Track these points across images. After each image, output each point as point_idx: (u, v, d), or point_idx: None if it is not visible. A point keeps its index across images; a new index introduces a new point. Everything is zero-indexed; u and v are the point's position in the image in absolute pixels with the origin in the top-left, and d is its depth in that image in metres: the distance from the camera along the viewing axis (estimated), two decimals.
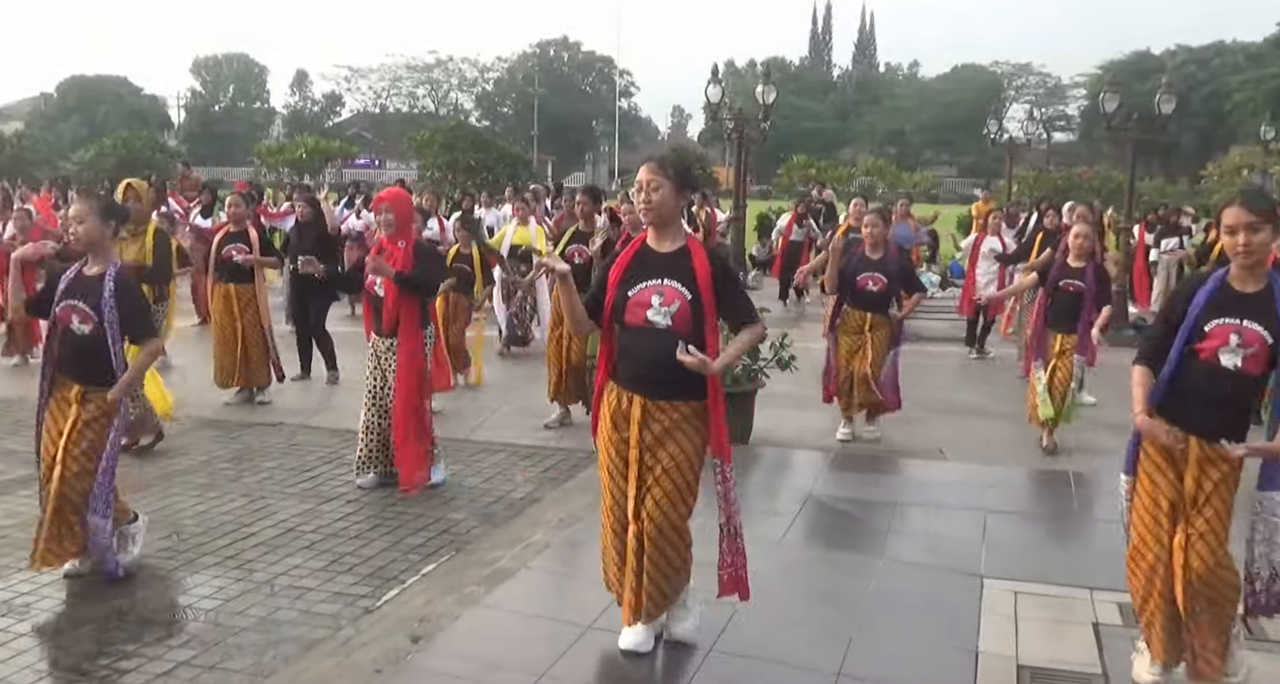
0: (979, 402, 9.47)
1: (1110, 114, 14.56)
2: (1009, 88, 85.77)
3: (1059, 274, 7.65)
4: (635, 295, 4.01)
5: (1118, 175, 26.43)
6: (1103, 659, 4.30)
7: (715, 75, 19.12)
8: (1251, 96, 58.05)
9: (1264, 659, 4.28)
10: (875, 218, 7.95)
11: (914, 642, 4.47)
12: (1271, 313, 3.69)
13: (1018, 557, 5.49)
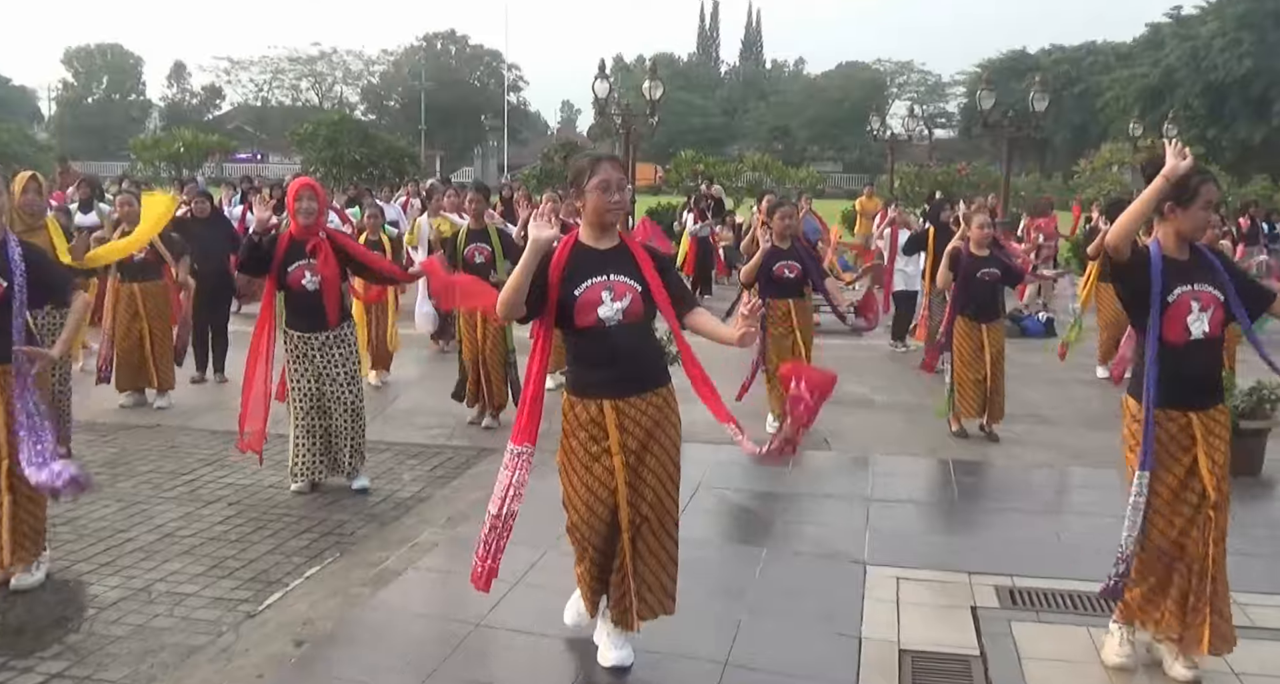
0: (864, 393, 9.66)
1: (987, 111, 14.97)
2: (892, 85, 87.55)
3: (971, 266, 7.85)
4: (583, 294, 3.88)
5: (995, 171, 27.18)
6: (980, 641, 4.41)
7: (602, 71, 19.15)
8: (1121, 95, 60.09)
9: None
10: (787, 210, 8.19)
11: (800, 629, 4.54)
12: (1215, 272, 4.00)
13: (900, 543, 5.61)
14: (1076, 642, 4.42)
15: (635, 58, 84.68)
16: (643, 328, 3.95)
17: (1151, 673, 4.17)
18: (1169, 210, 3.98)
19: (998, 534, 6.02)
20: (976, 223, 7.97)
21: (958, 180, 28.37)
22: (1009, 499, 6.72)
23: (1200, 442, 4.01)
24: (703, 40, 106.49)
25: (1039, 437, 8.11)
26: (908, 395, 9.72)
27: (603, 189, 3.89)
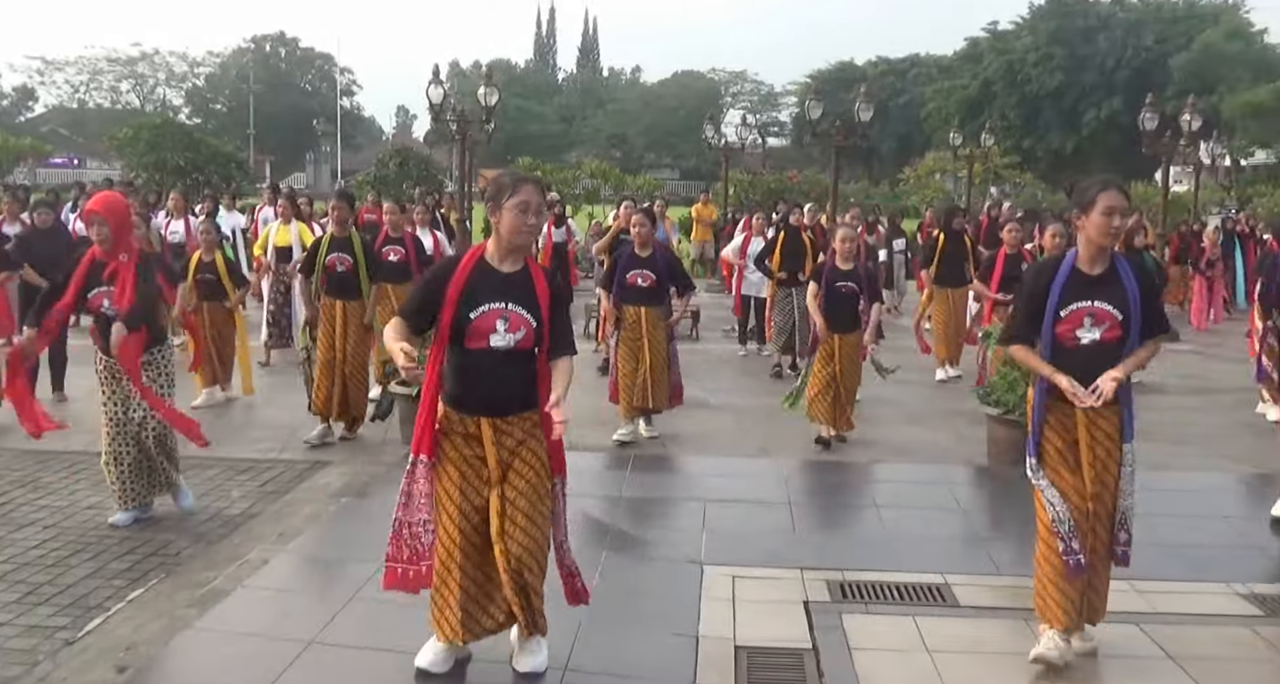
0: (701, 396, 9.80)
1: (815, 121, 15.38)
2: (726, 94, 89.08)
3: (831, 277, 7.96)
4: (477, 319, 3.83)
5: (825, 178, 27.94)
6: (813, 634, 4.53)
7: (436, 76, 18.95)
8: (943, 105, 62.51)
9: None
10: (642, 218, 8.13)
11: (638, 631, 4.59)
12: (1121, 290, 4.06)
13: (736, 543, 5.72)
14: (903, 631, 4.59)
15: (472, 63, 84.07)
16: (530, 353, 3.94)
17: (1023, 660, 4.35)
18: (1075, 218, 4.11)
19: (829, 530, 6.21)
20: (840, 236, 8.14)
21: (789, 187, 29.09)
22: (840, 496, 6.92)
23: (1084, 438, 4.11)
24: (540, 47, 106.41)
25: (868, 435, 8.37)
26: (743, 398, 9.91)
27: (520, 210, 3.83)
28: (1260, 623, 4.76)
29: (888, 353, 10.15)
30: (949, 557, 5.55)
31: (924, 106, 65.27)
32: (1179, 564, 5.37)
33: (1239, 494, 7.11)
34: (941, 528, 6.08)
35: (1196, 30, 56.70)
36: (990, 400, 7.31)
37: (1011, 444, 7.10)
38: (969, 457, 7.68)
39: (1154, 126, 18.14)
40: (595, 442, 7.90)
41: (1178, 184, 35.00)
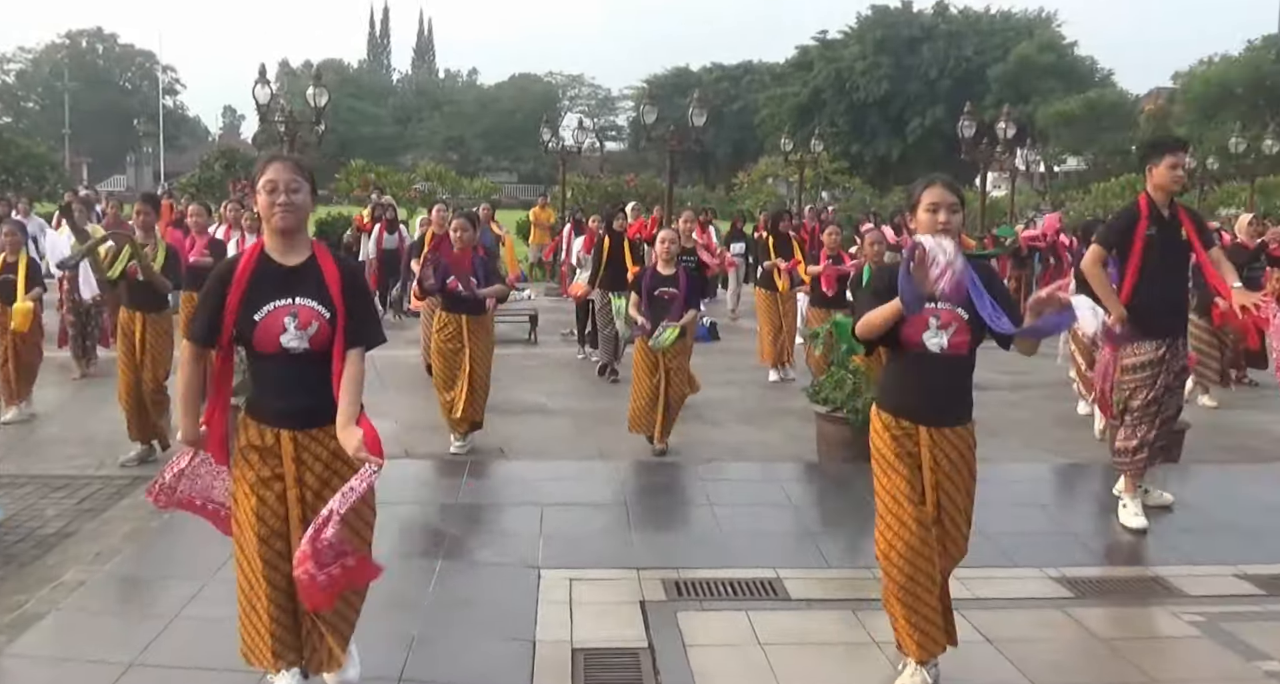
0: (538, 400, 9.80)
1: (650, 125, 15.53)
2: (564, 98, 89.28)
3: (652, 283, 7.97)
4: (263, 320, 3.54)
5: (661, 182, 28.25)
6: (649, 633, 4.58)
7: (263, 75, 18.43)
8: (776, 112, 63.94)
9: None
10: (463, 222, 7.95)
11: (475, 638, 4.55)
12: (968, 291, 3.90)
13: (573, 546, 5.73)
14: (737, 626, 4.67)
15: (303, 63, 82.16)
16: (331, 354, 3.61)
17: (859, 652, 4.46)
18: (908, 219, 4.07)
19: (665, 530, 6.27)
20: (660, 238, 8.20)
21: (626, 191, 29.32)
22: (675, 495, 7.00)
23: (926, 456, 3.97)
24: (373, 47, 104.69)
25: (703, 435, 8.51)
26: (579, 401, 9.94)
27: (268, 190, 3.56)
28: (1071, 605, 5.01)
29: (720, 355, 10.36)
30: (780, 551, 5.67)
31: (758, 113, 66.62)
32: (997, 551, 5.60)
33: (1054, 483, 7.47)
34: (773, 524, 6.22)
35: (1012, 42, 59.49)
36: (819, 399, 7.51)
37: (839, 441, 7.33)
38: (800, 454, 7.87)
39: (972, 134, 18.96)
40: (429, 448, 7.81)
41: (996, 189, 36.65)
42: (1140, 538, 6.04)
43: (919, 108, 60.10)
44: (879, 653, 4.35)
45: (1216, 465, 7.83)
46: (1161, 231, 5.98)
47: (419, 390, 10.02)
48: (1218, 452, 8.16)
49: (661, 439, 7.91)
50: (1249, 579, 5.35)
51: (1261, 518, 6.46)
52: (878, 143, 61.48)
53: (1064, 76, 57.39)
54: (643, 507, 6.62)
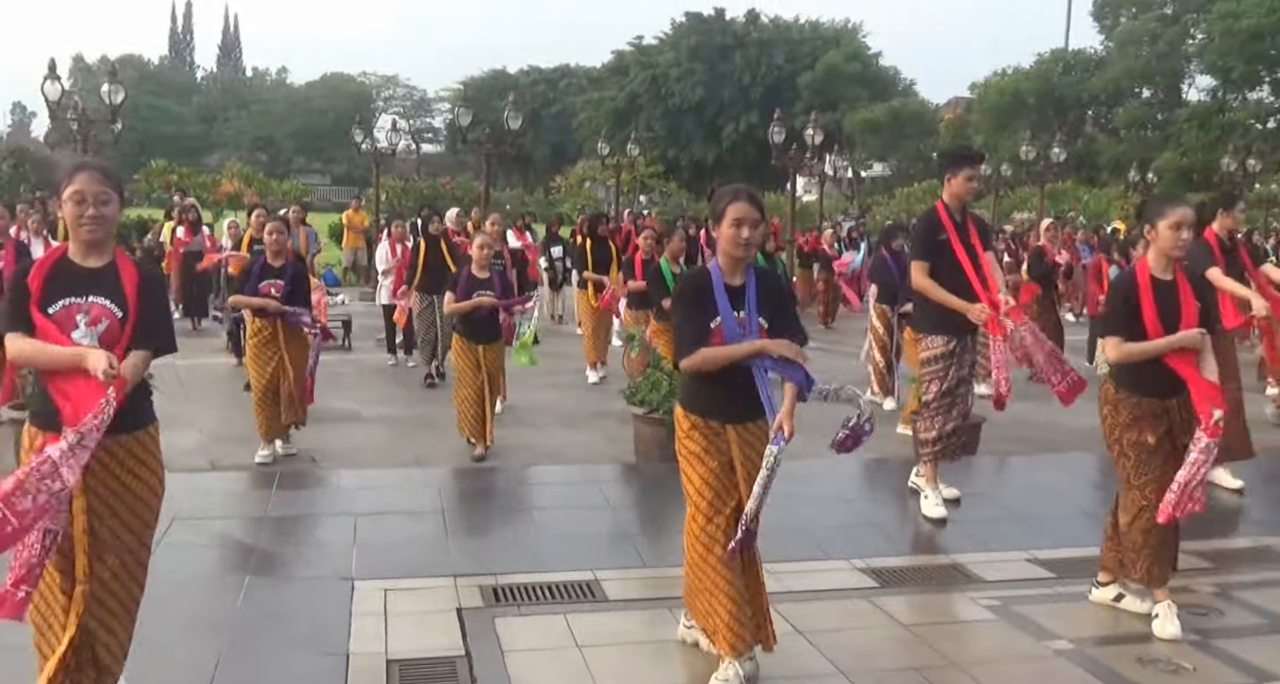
0: (352, 408, 9.59)
1: (466, 128, 15.41)
2: (378, 99, 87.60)
3: (469, 286, 7.92)
4: (56, 314, 3.45)
5: (479, 185, 28.05)
6: (465, 641, 4.53)
7: (53, 70, 17.46)
8: (593, 116, 64.23)
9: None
10: (277, 226, 7.79)
11: (285, 654, 4.42)
12: (746, 301, 4.08)
13: (388, 555, 5.62)
14: (554, 630, 4.67)
15: (99, 58, 78.15)
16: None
17: (663, 651, 4.49)
18: (713, 230, 4.16)
19: (482, 536, 6.23)
20: (477, 243, 8.15)
21: (443, 194, 29.01)
22: (493, 501, 6.95)
23: (736, 453, 4.11)
24: (175, 44, 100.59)
25: (523, 439, 8.48)
26: (395, 408, 9.78)
27: (75, 201, 3.49)
28: (876, 594, 5.20)
29: (546, 360, 10.33)
30: (598, 553, 5.70)
31: (576, 116, 66.85)
32: (807, 545, 5.78)
33: (858, 477, 7.73)
34: (591, 526, 6.25)
35: (821, 52, 61.32)
36: (636, 400, 7.58)
37: (656, 442, 7.41)
38: (619, 455, 7.93)
39: (782, 140, 19.47)
40: (236, 460, 7.55)
41: (807, 194, 37.78)
42: (940, 527, 6.32)
43: (733, 113, 61.34)
44: (696, 650, 4.42)
45: (1011, 457, 8.26)
46: (958, 234, 6.29)
47: (225, 401, 9.68)
48: (1012, 444, 8.60)
49: (486, 442, 7.87)
50: (1039, 563, 5.66)
51: (1052, 505, 6.84)
52: (694, 147, 62.45)
53: (869, 85, 59.53)
54: (460, 513, 6.55)
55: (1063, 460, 8.16)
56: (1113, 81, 47.83)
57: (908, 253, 7.97)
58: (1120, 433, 4.81)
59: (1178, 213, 4.70)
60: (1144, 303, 4.69)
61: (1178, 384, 4.74)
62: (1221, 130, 41.49)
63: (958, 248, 6.24)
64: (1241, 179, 29.05)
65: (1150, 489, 4.70)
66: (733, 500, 4.10)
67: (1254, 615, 5.03)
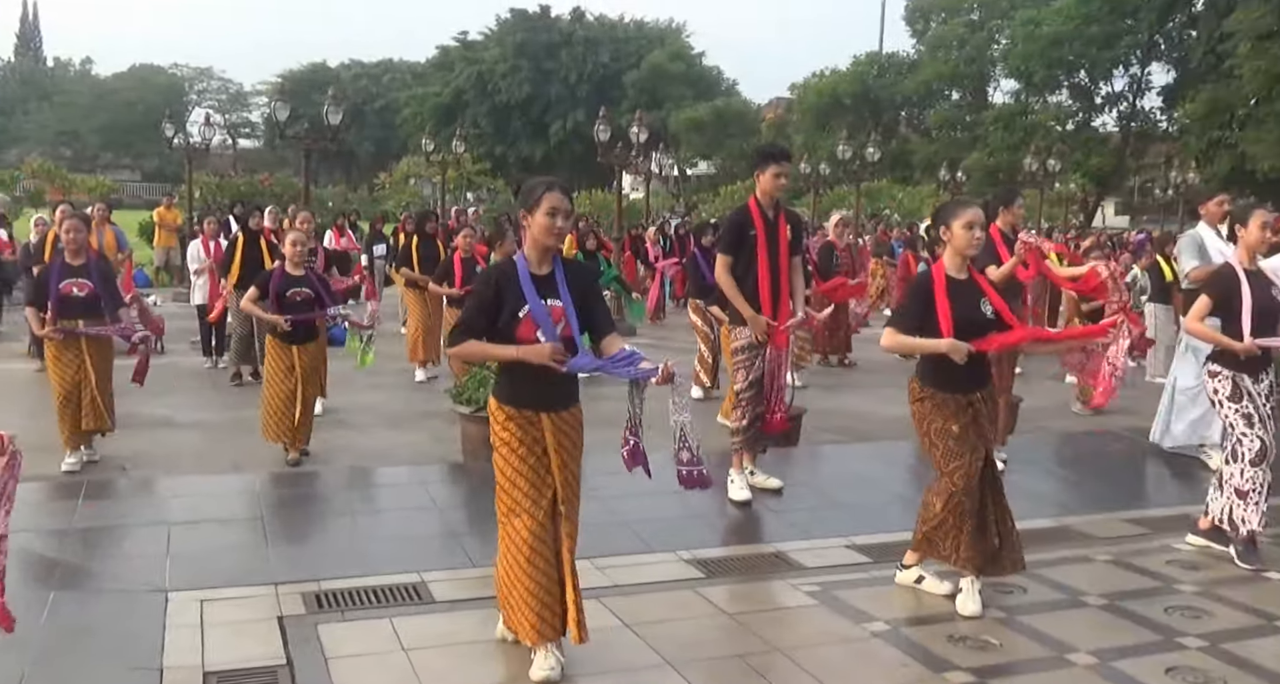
0: (165, 413, 9.22)
1: (283, 123, 14.99)
2: (191, 91, 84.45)
3: (283, 285, 7.71)
4: None
5: (299, 182, 27.31)
6: (287, 650, 4.42)
7: None
8: (419, 112, 63.41)
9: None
10: (75, 223, 7.40)
11: (94, 670, 4.23)
12: (557, 289, 4.14)
13: (204, 565, 5.42)
14: (379, 634, 4.59)
15: None
16: None
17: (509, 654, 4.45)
18: (523, 217, 4.18)
19: (304, 542, 6.08)
20: (289, 240, 7.92)
21: (261, 190, 28.16)
22: (315, 505, 6.79)
23: (551, 441, 4.15)
24: None
25: (346, 441, 8.31)
26: (211, 412, 9.45)
27: None
28: (702, 585, 5.29)
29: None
30: (425, 554, 5.63)
31: (400, 112, 65.82)
32: (632, 538, 5.84)
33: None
34: (418, 527, 6.16)
35: (646, 50, 62.01)
36: (462, 399, 7.52)
37: (484, 440, 7.30)
38: (445, 455, 7.86)
39: (607, 138, 19.53)
40: (39, 470, 7.16)
41: (635, 191, 38.10)
42: (765, 517, 6.48)
43: (560, 111, 61.45)
44: (524, 647, 4.41)
45: (830, 446, 8.52)
46: (766, 231, 6.44)
47: (24, 408, 9.18)
48: (831, 434, 8.88)
49: (298, 445, 7.66)
50: (858, 549, 5.86)
51: (869, 493, 7.09)
52: (521, 145, 62.31)
53: (694, 85, 60.48)
54: (280, 519, 6.36)
55: (879, 449, 8.46)
56: (924, 84, 49.81)
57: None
58: (927, 425, 5.02)
59: (969, 213, 4.96)
60: (939, 301, 4.92)
61: (980, 379, 5.01)
62: (1024, 132, 43.62)
63: (761, 247, 6.40)
64: (1043, 178, 30.57)
65: (959, 475, 4.91)
66: (549, 491, 4.15)
67: (1055, 591, 5.32)
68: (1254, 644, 4.69)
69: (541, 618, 4.10)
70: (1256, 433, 5.67)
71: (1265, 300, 5.74)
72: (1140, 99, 47.42)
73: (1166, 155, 41.67)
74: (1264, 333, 5.67)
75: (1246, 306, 5.65)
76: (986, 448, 5.01)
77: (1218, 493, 5.92)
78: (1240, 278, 5.76)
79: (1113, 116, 48.20)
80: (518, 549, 4.11)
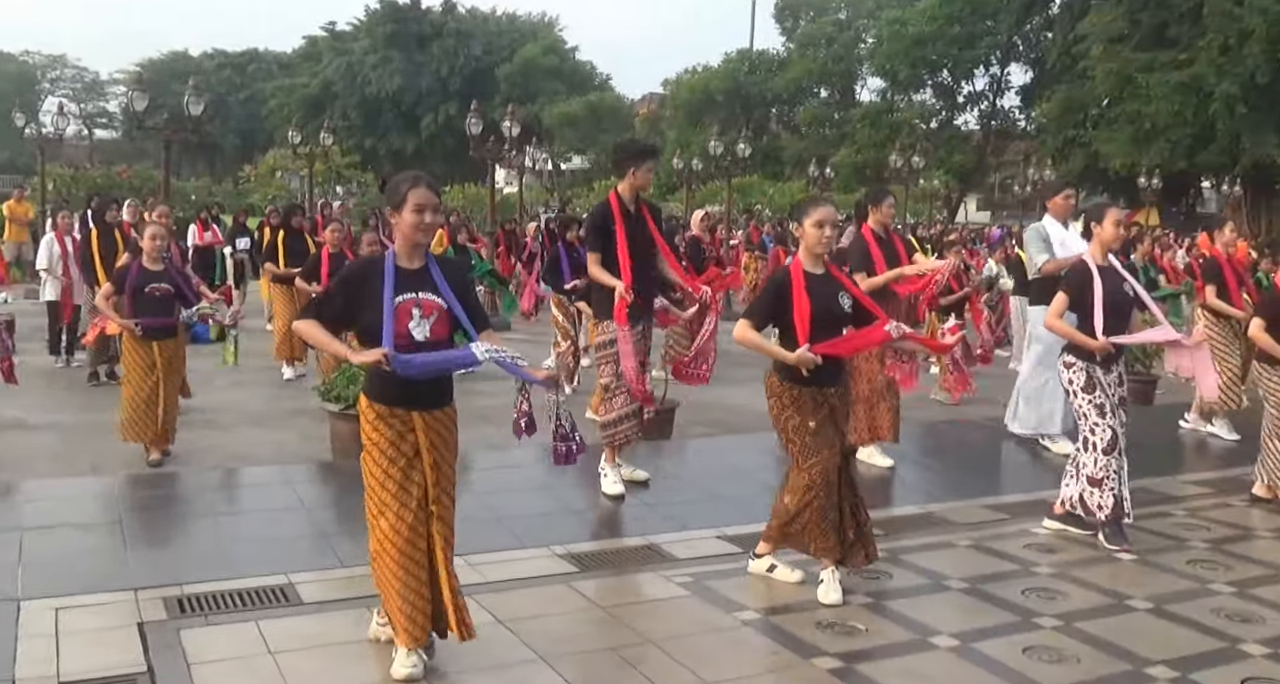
0: (16, 415, 8.85)
1: (140, 113, 14.51)
2: (44, 80, 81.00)
3: (140, 280, 7.49)
4: None
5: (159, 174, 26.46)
6: (148, 657, 4.28)
7: None
8: (285, 103, 61.98)
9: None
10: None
11: None
12: (437, 284, 4.10)
13: (60, 571, 5.23)
14: (245, 638, 4.48)
15: None
16: None
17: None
18: (390, 214, 4.13)
19: (165, 546, 5.90)
20: (149, 233, 7.70)
21: (119, 183, 27.16)
22: (177, 508, 6.59)
23: (423, 440, 4.10)
24: None
25: (210, 441, 8.10)
26: (67, 413, 9.10)
27: None
28: (575, 579, 5.30)
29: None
30: (293, 556, 5.51)
31: (266, 103, 64.25)
32: (504, 535, 5.82)
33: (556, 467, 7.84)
34: (285, 528, 6.04)
35: (519, 44, 61.73)
36: (331, 397, 7.39)
37: (353, 438, 7.22)
38: (313, 454, 7.71)
39: (480, 132, 19.42)
40: None
41: (508, 185, 37.90)
42: (638, 510, 6.53)
43: (432, 104, 60.72)
44: (390, 646, 4.36)
45: (703, 439, 8.62)
46: (629, 226, 6.48)
47: None
48: (704, 427, 8.99)
49: (160, 446, 7.43)
50: (729, 540, 5.95)
51: (741, 484, 7.20)
52: (392, 138, 61.41)
53: (567, 79, 60.42)
54: (140, 523, 6.16)
55: (751, 440, 8.58)
56: (794, 81, 50.71)
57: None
58: (784, 421, 5.11)
59: (820, 212, 5.08)
60: (796, 296, 5.01)
61: (836, 374, 5.13)
62: (890, 129, 44.80)
63: (623, 241, 6.43)
64: (908, 175, 31.42)
65: (817, 471, 5.00)
66: (418, 491, 4.10)
67: (919, 576, 5.48)
68: (1105, 622, 4.92)
69: (411, 620, 4.06)
70: (1108, 422, 5.93)
71: (1117, 296, 6.00)
72: (1000, 98, 49.19)
73: (1025, 153, 43.35)
74: (1116, 326, 5.94)
75: (1099, 302, 5.90)
76: (842, 442, 5.13)
77: (1069, 479, 6.17)
78: (1094, 274, 6.01)
79: (974, 115, 49.90)
80: (385, 551, 4.07)
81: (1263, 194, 34.78)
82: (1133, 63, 33.38)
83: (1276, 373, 6.86)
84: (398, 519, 4.05)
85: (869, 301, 5.30)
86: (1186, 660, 4.51)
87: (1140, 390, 9.97)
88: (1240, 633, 4.83)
